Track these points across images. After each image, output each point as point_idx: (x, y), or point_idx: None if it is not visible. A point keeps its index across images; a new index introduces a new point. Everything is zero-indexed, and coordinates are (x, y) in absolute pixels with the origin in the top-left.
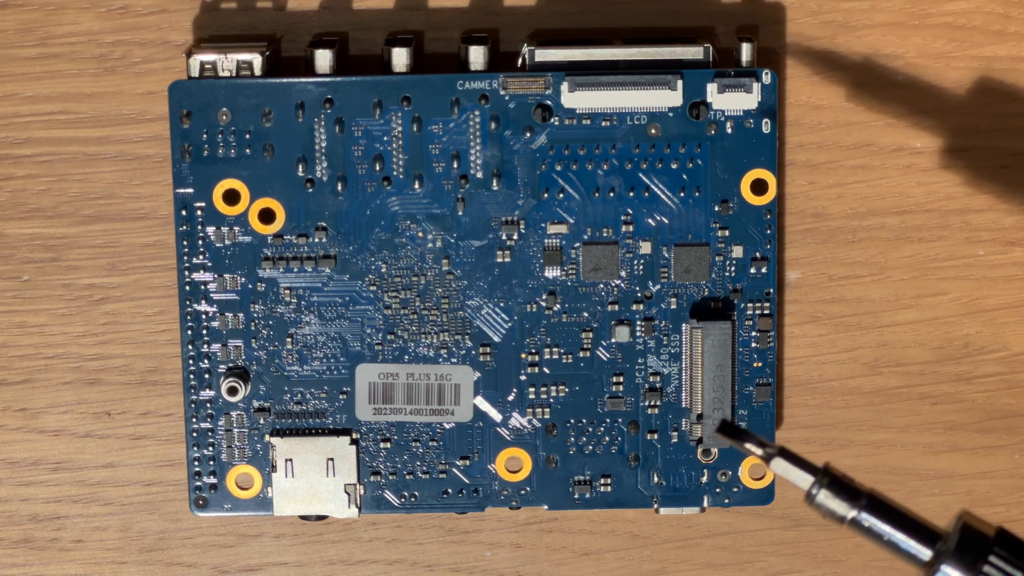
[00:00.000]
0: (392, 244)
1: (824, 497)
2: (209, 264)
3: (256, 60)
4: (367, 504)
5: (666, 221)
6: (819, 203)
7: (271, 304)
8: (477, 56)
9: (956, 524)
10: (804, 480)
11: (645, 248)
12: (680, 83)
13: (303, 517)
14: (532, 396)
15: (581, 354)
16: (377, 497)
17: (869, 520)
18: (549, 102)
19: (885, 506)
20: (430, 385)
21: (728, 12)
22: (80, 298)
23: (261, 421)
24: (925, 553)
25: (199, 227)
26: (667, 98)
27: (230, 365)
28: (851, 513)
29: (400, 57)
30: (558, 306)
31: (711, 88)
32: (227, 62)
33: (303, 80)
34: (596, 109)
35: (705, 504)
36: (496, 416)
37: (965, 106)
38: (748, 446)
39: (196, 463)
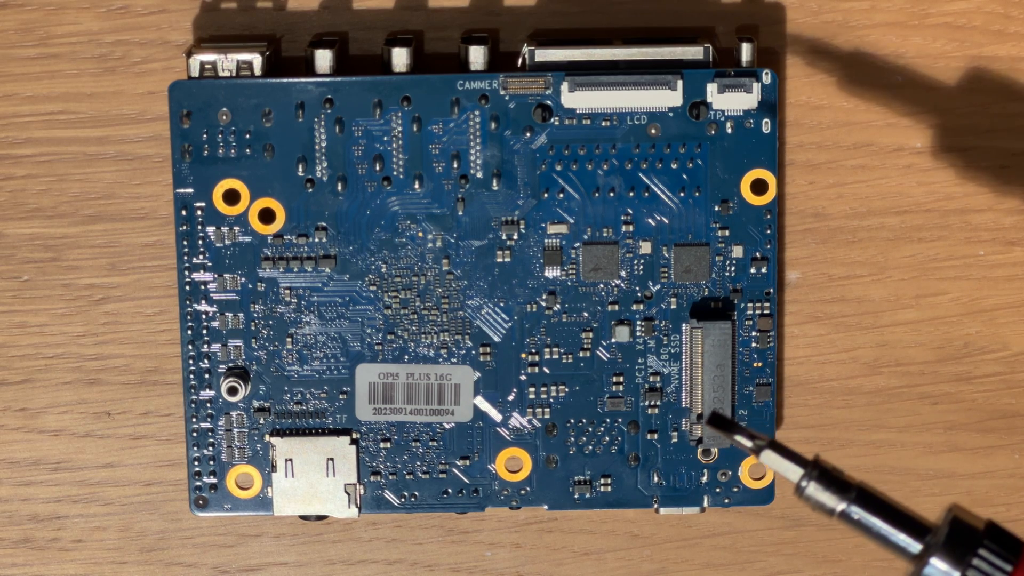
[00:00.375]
0: (392, 244)
1: (813, 489)
2: (209, 264)
3: (256, 60)
4: (367, 504)
5: (666, 221)
6: (819, 203)
7: (271, 304)
8: (477, 56)
9: (946, 517)
10: (794, 472)
11: (645, 248)
12: (680, 83)
13: (303, 517)
14: (532, 396)
15: (581, 354)
16: (377, 497)
17: (859, 513)
18: (549, 102)
19: (875, 499)
20: (430, 385)
21: (728, 12)
22: (80, 298)
23: (261, 421)
24: (914, 546)
25: (199, 227)
26: (667, 98)
27: (230, 365)
28: (840, 506)
29: (400, 57)
30: (558, 306)
31: (711, 88)
32: (227, 62)
33: (303, 80)
34: (596, 109)
35: (705, 504)
36: (496, 416)
37: (965, 106)
38: (738, 438)
39: (196, 463)
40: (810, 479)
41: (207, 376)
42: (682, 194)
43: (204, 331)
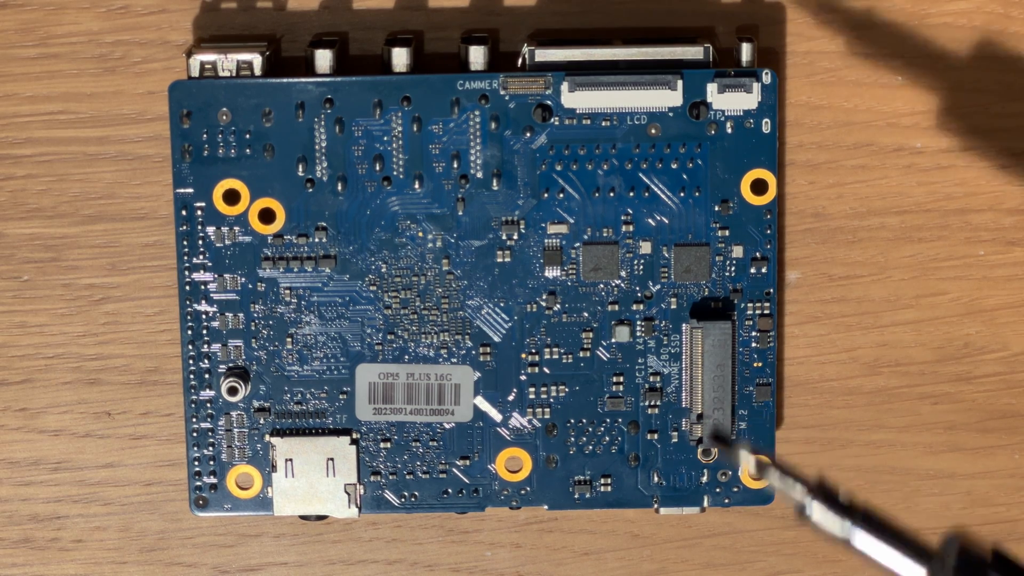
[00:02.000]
0: (392, 244)
1: (816, 512)
2: (209, 264)
3: (256, 60)
4: (367, 504)
5: (666, 221)
6: (819, 203)
7: (271, 304)
8: (477, 56)
9: (950, 545)
10: (797, 494)
11: (645, 248)
12: (680, 83)
13: (303, 517)
14: (532, 396)
15: (581, 354)
16: (377, 497)
17: (862, 538)
18: (549, 102)
19: (879, 524)
20: (430, 385)
21: (728, 12)
22: (80, 298)
23: (261, 421)
24: (919, 574)
25: (199, 227)
26: (667, 98)
27: (230, 365)
28: (843, 530)
29: (400, 57)
30: (558, 306)
31: (711, 88)
32: (227, 62)
33: (303, 80)
34: (596, 109)
35: (705, 504)
36: (496, 416)
37: (965, 106)
38: (738, 455)
39: (196, 463)
40: (813, 501)
41: (207, 376)
42: (682, 194)
43: (204, 331)
